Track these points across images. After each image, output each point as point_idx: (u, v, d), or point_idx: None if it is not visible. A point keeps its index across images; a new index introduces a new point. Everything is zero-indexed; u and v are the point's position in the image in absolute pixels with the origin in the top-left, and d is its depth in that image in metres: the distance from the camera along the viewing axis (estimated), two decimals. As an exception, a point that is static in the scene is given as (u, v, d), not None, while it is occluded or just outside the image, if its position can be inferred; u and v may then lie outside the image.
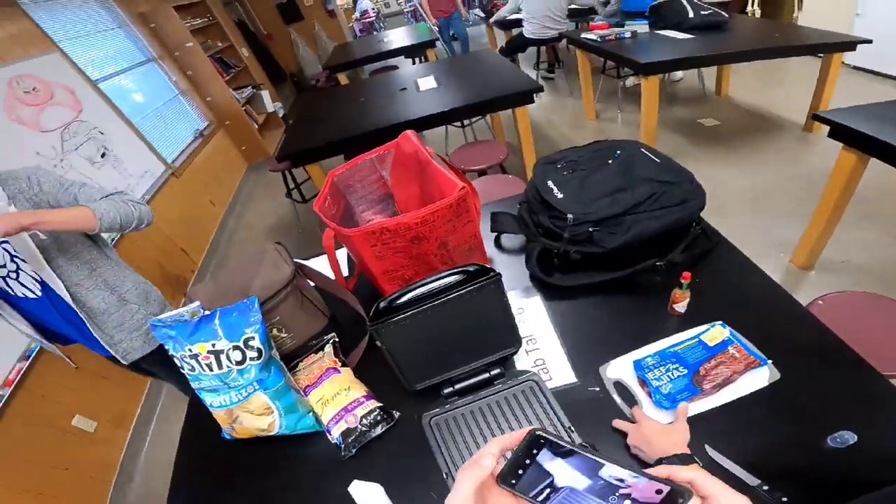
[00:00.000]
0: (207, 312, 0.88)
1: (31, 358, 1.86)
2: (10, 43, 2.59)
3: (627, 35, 3.11)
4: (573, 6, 4.27)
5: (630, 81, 4.14)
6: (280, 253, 1.06)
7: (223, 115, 4.59)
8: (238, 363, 0.87)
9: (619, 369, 0.88)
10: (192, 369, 0.88)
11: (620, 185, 1.02)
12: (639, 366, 0.85)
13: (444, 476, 0.81)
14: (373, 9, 11.06)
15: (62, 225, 1.15)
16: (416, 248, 0.92)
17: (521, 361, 0.95)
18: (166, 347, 0.89)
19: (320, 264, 1.24)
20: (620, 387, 0.85)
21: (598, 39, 3.13)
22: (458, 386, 0.90)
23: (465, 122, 3.51)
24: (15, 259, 1.21)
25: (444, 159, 1.08)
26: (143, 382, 2.42)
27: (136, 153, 3.18)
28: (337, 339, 1.07)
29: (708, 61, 2.90)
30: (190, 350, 0.86)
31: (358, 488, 0.82)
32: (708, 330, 0.88)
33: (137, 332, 1.42)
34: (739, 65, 3.78)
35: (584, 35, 3.36)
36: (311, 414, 0.95)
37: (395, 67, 4.63)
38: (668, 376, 0.82)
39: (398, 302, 0.81)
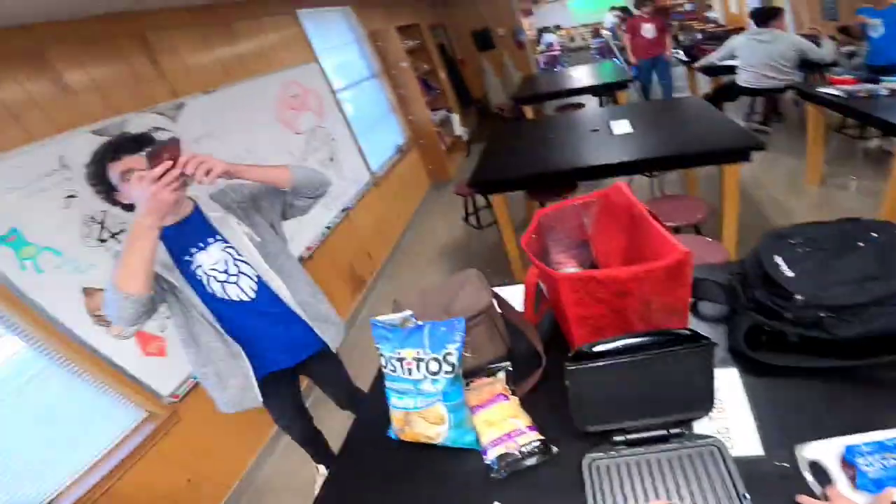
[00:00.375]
0: (420, 323, 0.99)
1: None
2: (285, 50, 3.13)
3: (885, 93, 2.59)
4: (804, 57, 3.73)
5: (875, 143, 3.45)
6: (481, 280, 1.15)
7: (419, 134, 5.03)
8: (433, 374, 0.95)
9: (820, 451, 0.77)
10: (394, 370, 0.99)
11: (873, 273, 0.88)
12: (851, 451, 0.73)
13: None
14: (558, 42, 11.19)
15: (259, 175, 1.30)
16: (619, 302, 0.91)
17: (702, 425, 0.89)
18: (377, 346, 1.02)
19: (504, 293, 1.30)
20: (815, 466, 0.76)
21: (844, 95, 2.68)
22: (630, 436, 0.88)
23: (656, 172, 3.31)
24: (237, 262, 1.34)
25: (654, 216, 1.05)
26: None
27: (352, 161, 3.64)
28: (511, 368, 1.11)
29: None
30: (398, 353, 0.98)
31: None
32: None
33: (327, 322, 1.53)
34: None
35: (823, 89, 2.91)
36: (473, 431, 0.99)
37: (581, 105, 4.64)
38: (882, 463, 0.71)
39: (600, 349, 0.83)
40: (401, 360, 0.98)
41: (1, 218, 1.56)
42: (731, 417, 0.89)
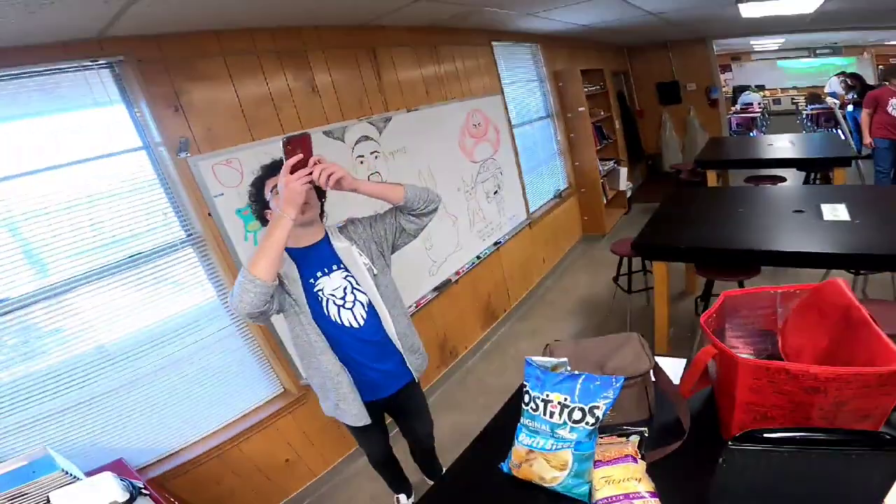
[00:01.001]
0: (575, 372, 0.99)
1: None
2: (477, 79, 3.28)
3: None
4: None
5: None
6: (643, 346, 1.12)
7: (582, 182, 4.89)
8: (575, 422, 0.95)
9: None
10: (535, 409, 1.01)
11: None
12: None
13: None
14: (759, 103, 9.83)
15: (375, 190, 1.39)
16: (805, 397, 0.84)
17: None
18: (525, 383, 1.04)
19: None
20: None
21: None
22: None
23: (865, 271, 2.74)
24: (355, 291, 1.44)
25: (875, 321, 0.92)
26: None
27: (514, 197, 3.71)
28: (646, 434, 1.04)
29: None
30: (547, 395, 0.99)
31: None
32: None
33: (416, 353, 1.62)
34: None
35: None
36: (588, 484, 0.97)
37: (782, 180, 4.07)
38: None
39: (772, 436, 0.76)
40: (546, 402, 0.99)
41: (242, 195, 1.93)
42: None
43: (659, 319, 2.68)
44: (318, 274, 1.43)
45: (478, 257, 3.24)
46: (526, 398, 1.03)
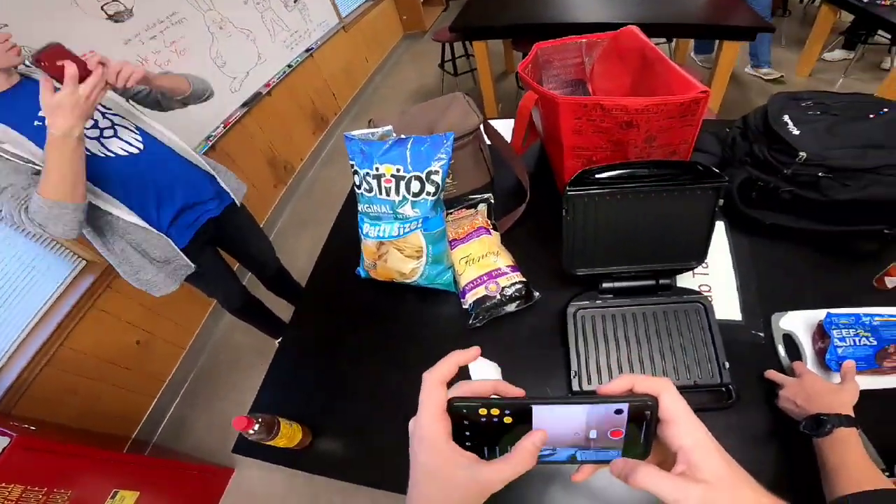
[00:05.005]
0: (402, 136, 0.88)
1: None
2: None
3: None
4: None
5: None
6: (469, 104, 1.05)
7: None
8: (415, 195, 0.86)
9: (795, 322, 0.81)
10: (370, 190, 0.90)
11: (877, 142, 0.87)
12: (830, 319, 0.76)
13: (572, 375, 0.79)
14: None
15: (166, 85, 1.22)
16: (621, 134, 0.86)
17: (685, 281, 0.90)
18: (351, 162, 0.91)
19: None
20: (787, 339, 0.80)
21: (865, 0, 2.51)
22: (618, 284, 0.86)
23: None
24: (108, 116, 1.19)
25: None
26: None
27: (319, 4, 3.38)
28: (492, 201, 1.06)
29: None
30: (377, 169, 0.87)
31: (476, 362, 0.83)
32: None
33: (222, 173, 1.45)
34: None
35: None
36: (451, 270, 0.95)
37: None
38: (853, 340, 0.74)
39: (604, 175, 0.77)
40: (378, 177, 0.88)
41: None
42: (715, 276, 0.92)
43: (487, 98, 2.90)
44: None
45: (289, 66, 2.99)
46: (357, 179, 0.91)
